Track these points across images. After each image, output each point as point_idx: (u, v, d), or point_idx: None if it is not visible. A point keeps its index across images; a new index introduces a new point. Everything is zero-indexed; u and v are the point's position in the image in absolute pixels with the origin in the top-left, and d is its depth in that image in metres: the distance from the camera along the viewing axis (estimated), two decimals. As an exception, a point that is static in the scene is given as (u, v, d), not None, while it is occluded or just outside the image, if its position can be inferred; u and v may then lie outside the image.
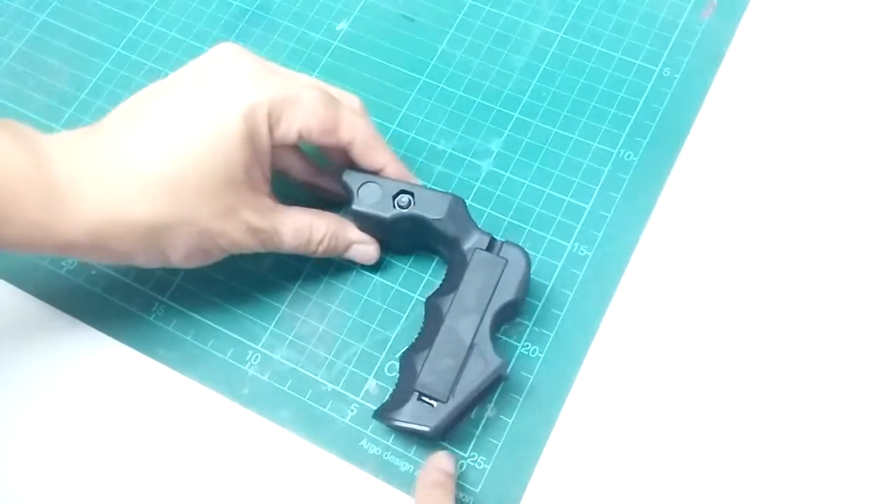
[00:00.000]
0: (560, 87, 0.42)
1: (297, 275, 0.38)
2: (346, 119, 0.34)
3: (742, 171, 0.40)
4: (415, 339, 0.35)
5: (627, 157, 0.40)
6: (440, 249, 0.37)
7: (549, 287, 0.38)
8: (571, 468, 0.34)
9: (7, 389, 0.37)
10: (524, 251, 0.34)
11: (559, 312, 0.37)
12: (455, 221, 0.35)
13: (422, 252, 0.39)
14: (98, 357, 0.37)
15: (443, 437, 0.34)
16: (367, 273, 0.38)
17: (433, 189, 0.35)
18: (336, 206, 0.38)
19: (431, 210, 0.35)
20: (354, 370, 0.36)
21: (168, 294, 0.38)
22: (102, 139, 0.32)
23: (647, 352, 0.36)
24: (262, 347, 0.37)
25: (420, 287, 0.38)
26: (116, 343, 0.38)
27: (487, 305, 0.33)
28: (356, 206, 0.35)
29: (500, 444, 0.35)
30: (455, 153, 0.41)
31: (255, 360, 0.37)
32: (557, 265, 0.38)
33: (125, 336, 0.38)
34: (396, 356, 0.36)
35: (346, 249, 0.37)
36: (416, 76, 0.43)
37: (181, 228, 0.32)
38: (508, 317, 0.36)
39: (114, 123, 0.32)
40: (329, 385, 0.36)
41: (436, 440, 0.34)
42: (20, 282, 0.39)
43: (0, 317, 0.39)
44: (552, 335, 0.37)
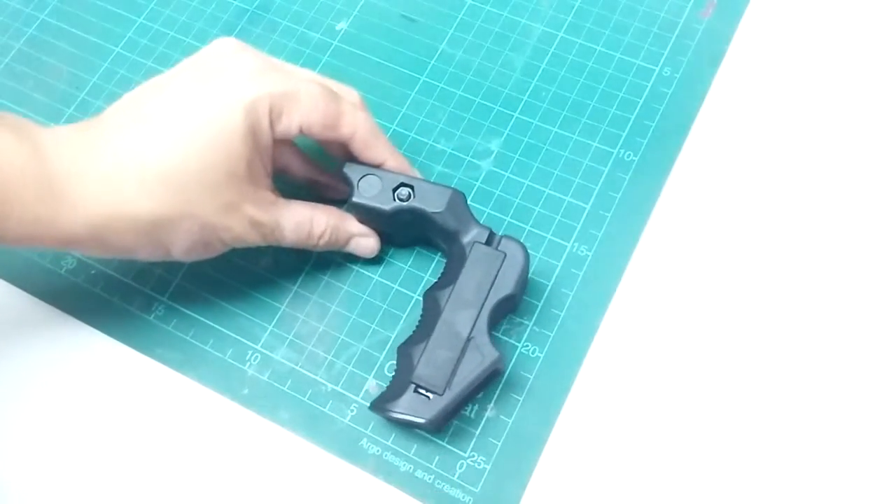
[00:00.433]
0: (560, 87, 0.42)
1: (297, 275, 0.38)
2: (347, 113, 0.34)
3: (742, 171, 0.40)
4: (413, 332, 0.35)
5: (627, 157, 0.40)
6: (439, 243, 0.37)
7: (549, 287, 0.38)
8: (571, 468, 0.34)
9: (6, 389, 0.37)
10: (523, 245, 0.34)
11: (559, 312, 0.37)
12: (454, 215, 0.35)
13: (421, 246, 0.39)
14: (98, 357, 0.37)
15: (439, 430, 0.34)
16: (367, 273, 0.38)
17: (433, 182, 0.35)
18: (337, 203, 0.38)
19: (431, 203, 0.35)
20: (354, 370, 0.36)
21: (168, 294, 0.38)
22: (102, 133, 0.32)
23: (648, 351, 0.36)
24: (262, 347, 0.37)
25: (420, 287, 0.38)
26: (116, 343, 0.38)
27: (485, 299, 0.33)
28: (356, 199, 0.35)
29: (500, 444, 0.35)
30: (455, 153, 0.41)
31: (255, 360, 0.37)
32: (557, 265, 0.38)
33: (125, 336, 0.38)
34: (396, 356, 0.36)
35: (347, 243, 0.37)
36: (416, 76, 0.43)
37: (183, 223, 0.32)
38: (506, 311, 0.36)
39: (114, 117, 0.32)
40: (329, 385, 0.36)
41: (432, 432, 0.35)
42: (20, 282, 0.39)
43: (0, 316, 0.39)
44: (552, 335, 0.37)
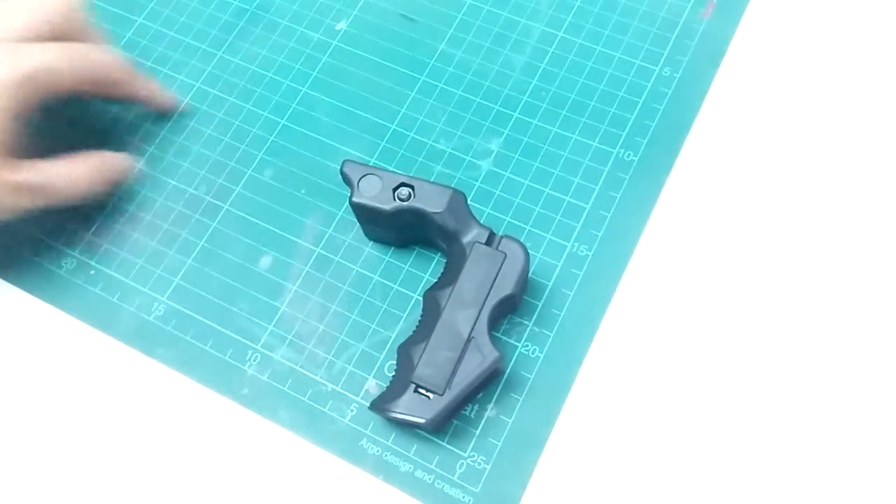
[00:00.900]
0: (560, 87, 0.42)
1: (297, 274, 0.38)
2: (88, 60, 0.36)
3: (742, 171, 0.40)
4: (413, 332, 0.35)
5: (627, 157, 0.40)
6: (439, 243, 0.37)
7: (549, 287, 0.38)
8: (571, 468, 0.34)
9: (5, 389, 0.37)
10: (523, 245, 0.34)
11: (559, 312, 0.37)
12: (455, 215, 0.35)
13: (421, 246, 0.39)
14: (97, 357, 0.37)
15: (439, 430, 0.34)
16: (367, 273, 0.38)
17: (434, 182, 0.35)
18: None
19: (431, 203, 0.35)
20: (354, 370, 0.36)
21: (167, 294, 0.38)
22: None
23: (647, 351, 0.36)
24: (262, 347, 0.37)
25: (420, 287, 0.38)
26: (116, 343, 0.38)
27: (486, 299, 0.33)
28: (356, 199, 0.35)
29: (500, 444, 0.35)
30: (455, 153, 0.41)
31: (255, 360, 0.37)
32: (557, 265, 0.38)
33: (124, 335, 0.38)
34: (396, 356, 0.36)
35: (114, 177, 0.39)
36: (416, 76, 0.43)
37: None
38: (507, 311, 0.36)
39: None
40: (329, 385, 0.36)
41: (432, 432, 0.35)
42: (20, 281, 0.39)
43: (-1, 317, 0.39)
44: (552, 335, 0.37)
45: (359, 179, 0.35)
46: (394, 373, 0.35)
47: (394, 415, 0.32)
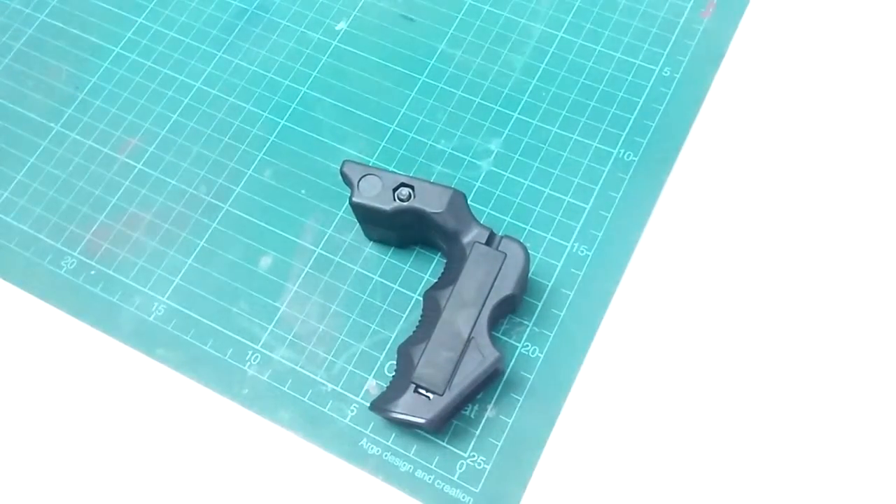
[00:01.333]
0: (560, 87, 0.42)
1: (298, 274, 0.38)
2: None
3: (742, 171, 0.40)
4: (413, 332, 0.35)
5: (627, 157, 0.40)
6: (439, 243, 0.37)
7: (549, 287, 0.38)
8: (571, 468, 0.34)
9: (5, 389, 0.37)
10: (523, 245, 0.34)
11: (559, 312, 0.37)
12: (455, 215, 0.35)
13: (421, 246, 0.39)
14: (98, 357, 0.37)
15: (439, 430, 0.34)
16: (367, 273, 0.38)
17: (434, 182, 0.35)
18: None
19: (431, 203, 0.35)
20: (354, 370, 0.36)
21: (168, 294, 0.38)
22: None
23: (647, 351, 0.36)
24: (262, 347, 0.37)
25: (420, 287, 0.38)
26: (116, 343, 0.38)
27: (486, 299, 0.33)
28: (356, 199, 0.35)
29: (500, 444, 0.35)
30: (455, 153, 0.41)
31: (255, 360, 0.37)
32: (557, 265, 0.38)
33: (125, 336, 0.38)
34: (396, 356, 0.36)
35: None
36: (416, 76, 0.43)
37: None
38: (506, 311, 0.36)
39: None
40: (329, 385, 0.36)
41: (432, 433, 0.35)
42: (20, 282, 0.39)
43: (-1, 317, 0.39)
44: (552, 335, 0.37)
45: (359, 179, 0.35)
46: (394, 373, 0.35)
47: (394, 415, 0.32)
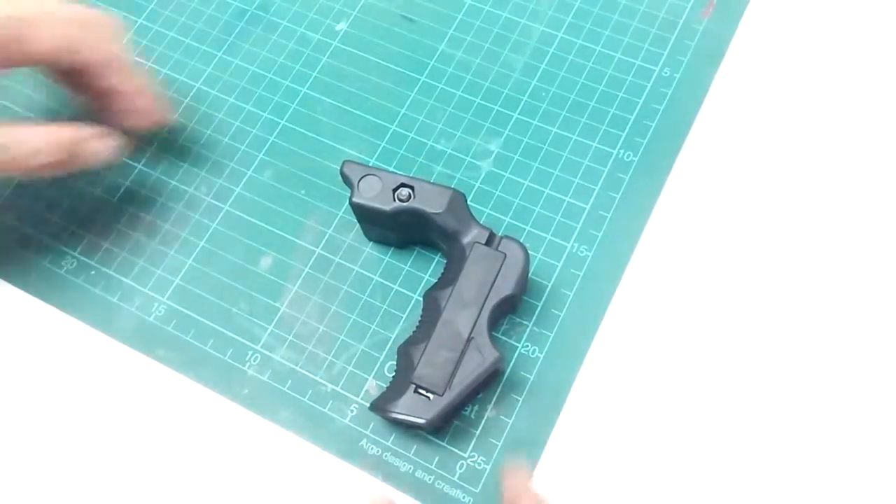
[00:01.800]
0: (559, 88, 0.42)
1: (298, 275, 0.38)
2: (92, 38, 0.34)
3: (742, 172, 0.40)
4: (413, 332, 0.35)
5: (627, 158, 0.40)
6: (439, 243, 0.37)
7: (549, 287, 0.38)
8: (571, 468, 0.34)
9: (5, 389, 0.37)
10: (523, 246, 0.34)
11: (559, 312, 0.37)
12: (455, 215, 0.35)
13: (421, 246, 0.39)
14: (98, 357, 0.37)
15: (438, 430, 0.34)
16: (367, 273, 0.38)
17: (434, 183, 0.35)
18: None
19: (431, 204, 0.35)
20: (354, 370, 0.36)
21: (168, 294, 0.38)
22: None
23: (647, 352, 0.36)
24: (262, 348, 0.37)
25: (420, 287, 0.38)
26: (116, 343, 0.38)
27: (486, 299, 0.33)
28: (356, 199, 0.35)
29: (500, 444, 0.35)
30: (455, 153, 0.41)
31: (255, 361, 0.37)
32: (557, 265, 0.38)
33: (124, 336, 0.38)
34: (396, 356, 0.36)
35: (79, 146, 0.35)
36: (416, 76, 0.43)
37: None
38: (506, 312, 0.36)
39: None
40: (329, 385, 0.36)
41: (431, 433, 0.35)
42: (20, 282, 0.39)
43: (-1, 317, 0.39)
44: (552, 335, 0.37)
45: (359, 180, 0.35)
46: (394, 373, 0.35)
47: (393, 415, 0.32)
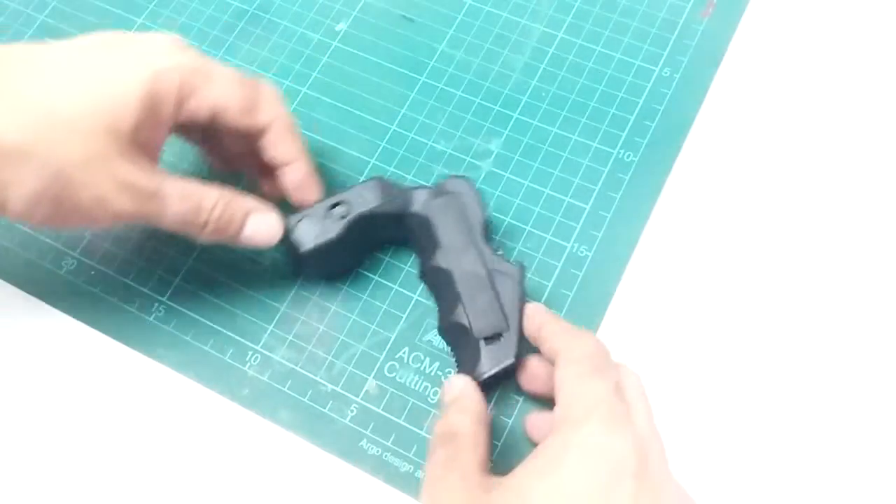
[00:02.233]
0: (559, 88, 0.42)
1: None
2: (266, 100, 0.33)
3: (741, 172, 0.40)
4: (438, 310, 0.35)
5: (627, 158, 0.40)
6: (401, 228, 0.36)
7: (549, 287, 0.38)
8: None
9: (5, 390, 0.37)
10: (463, 177, 0.36)
11: (559, 312, 0.37)
12: (392, 198, 0.35)
13: (392, 245, 0.38)
14: (98, 357, 0.37)
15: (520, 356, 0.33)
16: (367, 273, 0.38)
17: (352, 186, 0.35)
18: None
19: (366, 202, 0.35)
20: (354, 370, 0.36)
21: (168, 294, 0.38)
22: None
23: (647, 351, 0.36)
24: (262, 348, 0.37)
25: (420, 287, 0.38)
26: (116, 343, 0.38)
27: (471, 235, 0.34)
28: (304, 248, 0.34)
29: (500, 445, 0.35)
30: (455, 153, 0.41)
31: (255, 361, 0.37)
32: (557, 265, 0.38)
33: (125, 336, 0.38)
34: (396, 356, 0.36)
35: (244, 222, 0.33)
36: (416, 76, 0.43)
37: (33, 159, 0.27)
38: (488, 236, 0.36)
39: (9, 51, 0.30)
40: (329, 385, 0.36)
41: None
42: (20, 282, 0.39)
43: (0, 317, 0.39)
44: (552, 335, 0.37)
45: (293, 231, 0.34)
46: (454, 351, 0.35)
47: (486, 376, 0.32)
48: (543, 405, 0.35)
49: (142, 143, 0.30)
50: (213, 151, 0.38)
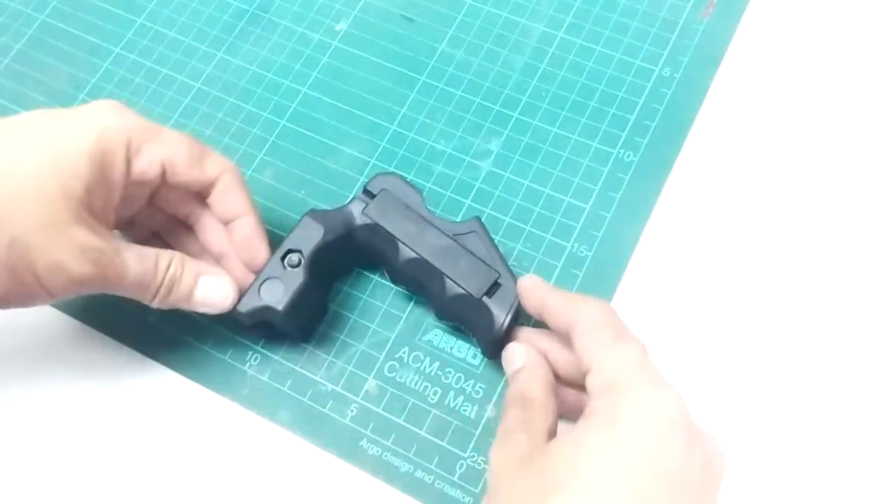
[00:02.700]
0: (560, 88, 0.42)
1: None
2: (215, 154, 0.33)
3: (741, 171, 0.40)
4: (429, 300, 0.36)
5: (627, 157, 0.40)
6: (355, 246, 0.36)
7: (549, 287, 0.38)
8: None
9: (5, 390, 0.37)
10: (389, 172, 0.36)
11: (559, 312, 0.37)
12: (332, 224, 0.35)
13: (354, 268, 0.38)
14: (97, 358, 0.37)
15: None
16: (368, 273, 0.38)
17: (290, 231, 0.35)
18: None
19: (312, 238, 0.34)
20: (354, 370, 0.36)
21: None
22: None
23: (647, 351, 0.36)
24: (262, 348, 0.37)
25: (420, 287, 0.38)
26: (116, 344, 0.38)
27: (420, 216, 0.35)
28: (282, 306, 0.33)
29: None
30: (455, 153, 0.41)
31: (255, 361, 0.37)
32: (557, 265, 0.38)
33: (125, 337, 0.38)
34: (396, 356, 0.36)
35: (195, 282, 0.33)
36: (416, 76, 0.43)
37: None
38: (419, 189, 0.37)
39: None
40: (329, 385, 0.36)
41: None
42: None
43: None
44: (552, 335, 0.37)
45: (260, 302, 0.33)
46: (465, 329, 0.36)
47: (507, 324, 0.33)
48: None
49: (96, 209, 0.30)
50: (160, 236, 0.37)
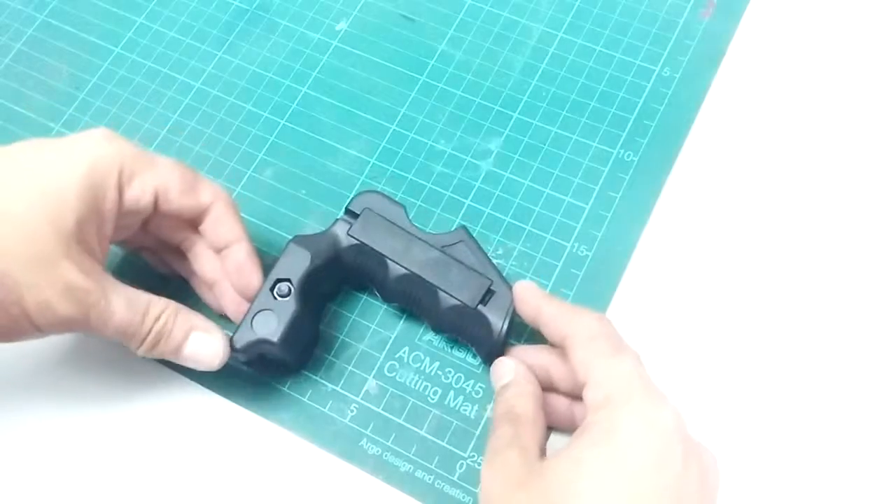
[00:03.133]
0: (560, 88, 0.42)
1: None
2: (207, 181, 0.33)
3: (741, 171, 0.40)
4: (424, 315, 0.36)
5: (627, 157, 0.40)
6: (343, 268, 0.36)
7: (549, 287, 0.37)
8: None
9: (4, 391, 0.37)
10: (371, 189, 0.36)
11: (559, 312, 0.37)
12: (318, 248, 0.34)
13: (343, 290, 0.38)
14: (97, 358, 0.37)
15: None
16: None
17: (276, 259, 0.34)
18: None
19: (300, 265, 0.34)
20: (354, 370, 0.36)
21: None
22: None
23: (647, 352, 0.36)
24: (262, 347, 0.37)
25: (420, 287, 0.38)
26: (115, 343, 0.38)
27: (405, 231, 0.34)
28: (277, 337, 0.33)
29: (500, 444, 0.35)
30: (455, 153, 0.41)
31: (255, 361, 0.37)
32: (557, 265, 0.38)
33: (125, 336, 0.38)
34: (396, 356, 0.36)
35: (185, 338, 0.32)
36: (416, 76, 0.43)
37: None
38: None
39: None
40: (329, 385, 0.36)
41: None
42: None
43: None
44: (552, 335, 0.37)
45: (253, 337, 0.33)
46: (460, 338, 0.36)
47: (505, 331, 0.33)
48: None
49: (87, 242, 0.29)
50: (154, 251, 0.37)
